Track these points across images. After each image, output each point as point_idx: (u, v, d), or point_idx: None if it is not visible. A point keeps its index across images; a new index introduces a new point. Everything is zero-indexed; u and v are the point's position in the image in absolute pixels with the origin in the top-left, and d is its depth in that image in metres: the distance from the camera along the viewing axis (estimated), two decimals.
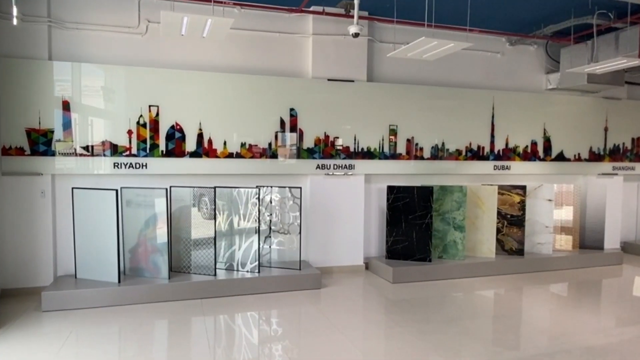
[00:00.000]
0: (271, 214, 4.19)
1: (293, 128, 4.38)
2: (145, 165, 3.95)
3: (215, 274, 3.80)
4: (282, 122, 4.35)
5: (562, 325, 3.17)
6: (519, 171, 5.25)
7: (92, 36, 3.91)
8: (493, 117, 5.11)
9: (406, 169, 4.80)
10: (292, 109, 4.37)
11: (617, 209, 5.67)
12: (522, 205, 4.79)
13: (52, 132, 3.73)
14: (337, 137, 4.52)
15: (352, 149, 4.58)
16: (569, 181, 5.48)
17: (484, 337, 2.96)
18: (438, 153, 4.90)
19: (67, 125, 3.76)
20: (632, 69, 5.17)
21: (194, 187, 3.90)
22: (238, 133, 4.22)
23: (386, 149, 4.70)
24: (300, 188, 4.12)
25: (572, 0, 4.16)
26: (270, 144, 4.32)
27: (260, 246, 4.09)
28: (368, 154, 4.65)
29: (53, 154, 3.73)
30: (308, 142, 4.43)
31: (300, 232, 4.12)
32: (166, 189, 3.67)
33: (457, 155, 4.98)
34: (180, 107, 4.03)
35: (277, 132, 4.33)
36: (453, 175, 5.02)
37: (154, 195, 3.67)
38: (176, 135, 4.04)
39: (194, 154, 4.09)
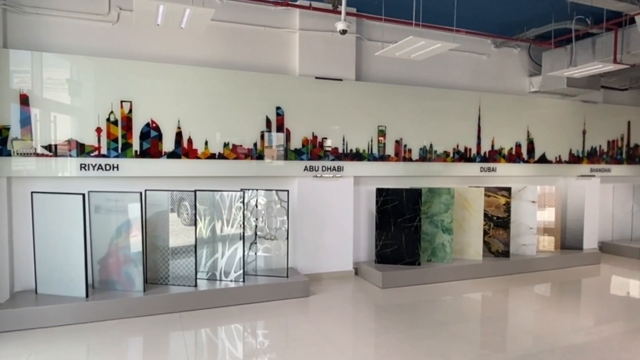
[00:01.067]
0: (257, 219, 3.95)
1: (280, 128, 4.16)
2: (117, 167, 3.61)
3: (195, 285, 3.54)
4: (268, 121, 4.12)
5: (546, 325, 3.25)
6: (504, 173, 5.28)
7: (55, 23, 3.52)
8: (479, 118, 5.11)
9: (395, 170, 4.70)
10: (278, 108, 4.15)
11: (595, 210, 5.85)
12: (508, 207, 4.82)
13: (7, 129, 3.32)
14: (326, 138, 4.35)
15: (340, 150, 4.42)
16: (551, 183, 5.60)
17: (472, 340, 2.98)
18: (426, 155, 4.83)
19: (25, 121, 3.36)
20: (607, 74, 5.33)
21: (172, 190, 3.60)
22: (221, 132, 3.94)
23: (375, 151, 4.58)
24: (288, 191, 3.92)
25: (552, 5, 4.22)
26: (255, 144, 4.08)
27: (245, 253, 3.86)
28: (357, 156, 4.50)
29: (9, 153, 3.33)
30: (295, 143, 4.22)
31: (287, 238, 3.91)
32: (140, 193, 3.37)
33: (444, 157, 4.94)
34: (156, 103, 3.71)
35: (263, 132, 4.10)
36: (441, 177, 4.98)
37: (126, 200, 3.35)
38: (152, 134, 3.71)
39: (172, 155, 3.78)
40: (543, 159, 5.50)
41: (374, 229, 4.58)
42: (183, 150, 3.81)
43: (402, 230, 4.39)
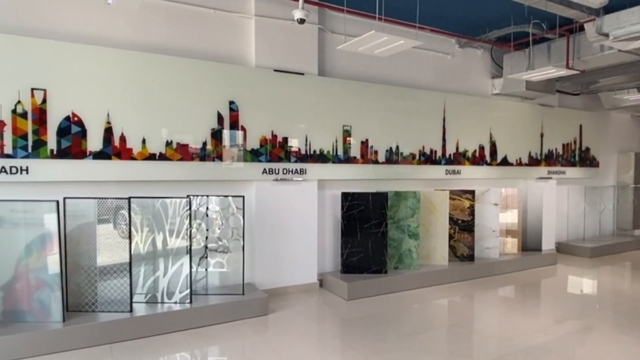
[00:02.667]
0: (207, 230, 3.46)
1: (234, 125, 3.68)
2: (26, 170, 2.94)
3: (131, 310, 3.00)
4: (220, 117, 3.63)
5: (509, 328, 3.32)
6: (469, 176, 5.21)
7: None
8: (444, 120, 4.98)
9: (361, 173, 4.41)
10: (232, 102, 3.68)
11: (552, 211, 5.99)
12: (472, 210, 4.76)
13: None
14: (287, 137, 3.94)
15: (303, 152, 4.03)
16: (513, 185, 5.64)
17: (438, 349, 2.94)
18: (392, 157, 4.60)
19: None
20: (562, 78, 5.46)
21: (98, 198, 3.01)
22: (162, 129, 3.39)
23: (340, 152, 4.25)
24: (243, 197, 3.48)
25: (511, 8, 4.18)
26: (205, 144, 3.57)
27: (193, 270, 3.35)
28: (321, 157, 4.15)
29: None
30: (252, 142, 3.77)
31: (243, 249, 3.47)
32: (57, 202, 2.77)
33: (411, 159, 4.74)
34: (79, 92, 3.09)
35: (214, 129, 3.60)
36: (407, 180, 4.79)
37: (39, 211, 2.75)
38: (73, 129, 3.08)
39: (99, 155, 3.17)
40: (505, 162, 5.52)
41: (339, 236, 4.26)
42: (114, 149, 3.21)
43: (368, 236, 4.13)
